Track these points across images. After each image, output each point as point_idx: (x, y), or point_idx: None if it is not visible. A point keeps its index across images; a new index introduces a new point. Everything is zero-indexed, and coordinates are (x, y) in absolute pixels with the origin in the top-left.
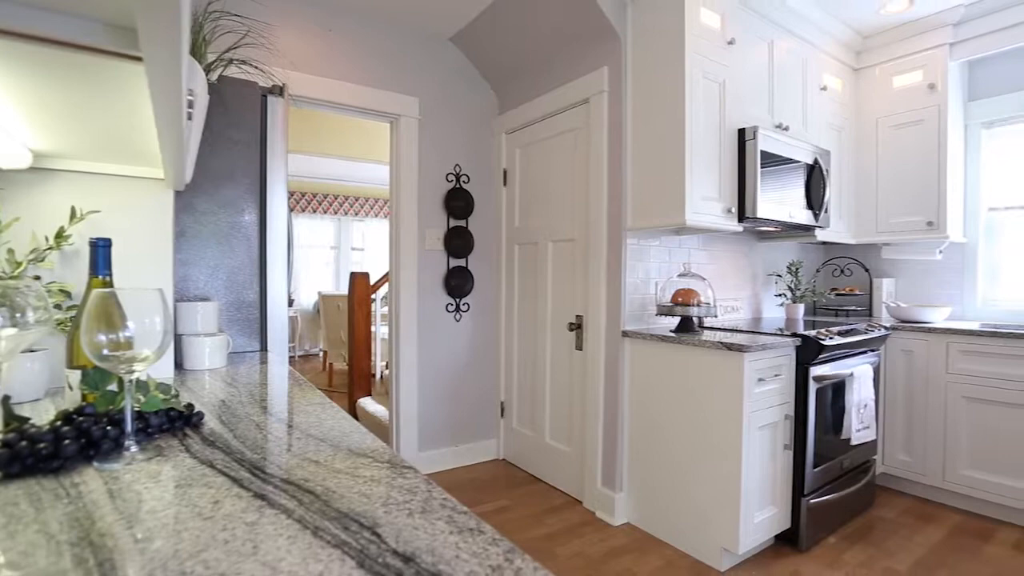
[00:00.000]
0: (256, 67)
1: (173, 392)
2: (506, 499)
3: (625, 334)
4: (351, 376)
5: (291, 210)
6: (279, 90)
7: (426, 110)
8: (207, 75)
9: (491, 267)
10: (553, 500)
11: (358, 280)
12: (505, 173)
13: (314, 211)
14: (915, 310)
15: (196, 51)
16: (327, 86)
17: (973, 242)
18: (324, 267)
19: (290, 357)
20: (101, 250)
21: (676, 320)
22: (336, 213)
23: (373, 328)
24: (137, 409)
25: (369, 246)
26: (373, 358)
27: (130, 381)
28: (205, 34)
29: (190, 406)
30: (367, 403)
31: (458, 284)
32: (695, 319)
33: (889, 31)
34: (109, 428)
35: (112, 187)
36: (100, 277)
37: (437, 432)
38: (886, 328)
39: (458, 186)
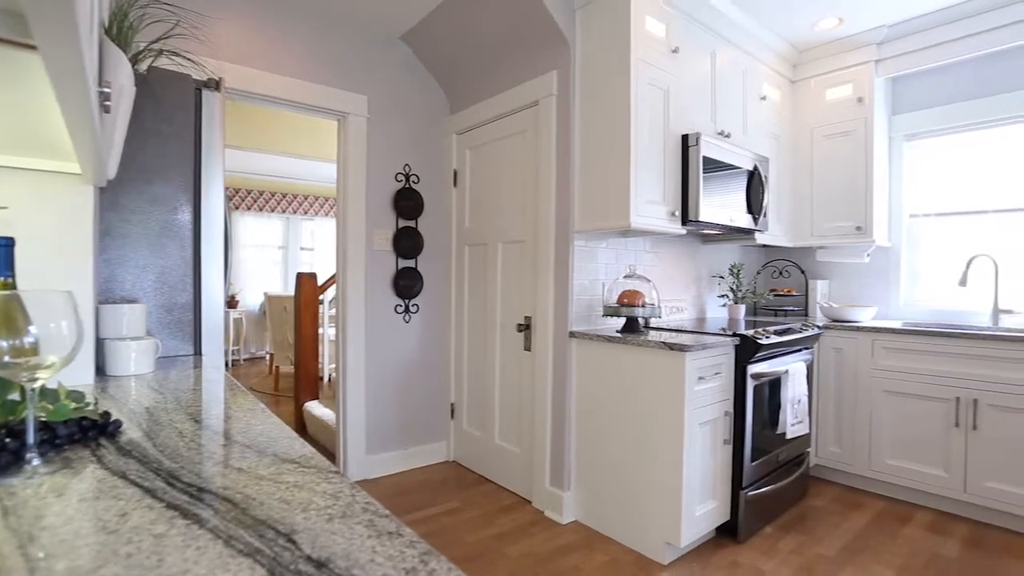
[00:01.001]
0: (189, 59)
1: (87, 400)
2: (456, 501)
3: (572, 335)
4: (297, 379)
5: (236, 208)
6: (215, 84)
7: (375, 109)
8: (134, 65)
9: (441, 268)
10: (503, 500)
11: (305, 280)
12: (456, 174)
13: (260, 209)
14: (845, 310)
15: (121, 39)
16: (271, 81)
17: (896, 246)
18: (271, 267)
19: (234, 360)
20: (2, 250)
21: (622, 321)
22: (284, 212)
23: (321, 330)
24: (43, 419)
25: (319, 246)
26: (321, 361)
27: (32, 389)
28: (132, 21)
29: (106, 414)
30: (314, 407)
31: (407, 285)
32: (640, 320)
33: (822, 46)
34: (8, 440)
35: (20, 182)
36: (1, 279)
37: (386, 435)
38: (819, 327)
39: (408, 186)
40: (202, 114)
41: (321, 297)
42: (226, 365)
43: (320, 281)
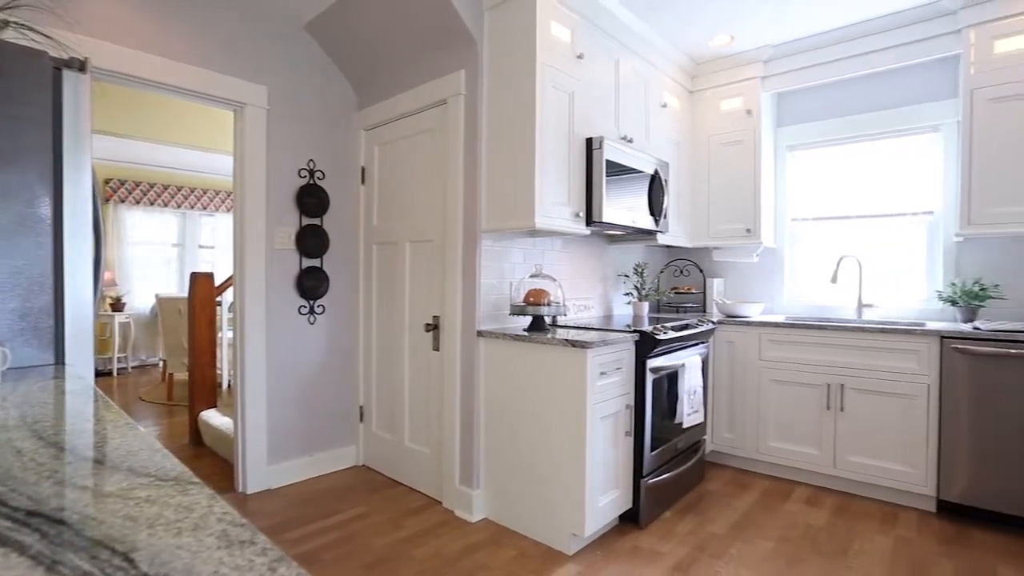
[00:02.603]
0: (44, 34)
1: None
2: (364, 506)
3: (480, 334)
4: (192, 387)
5: (122, 201)
6: (79, 64)
7: (276, 100)
8: None
9: (348, 267)
10: (413, 503)
11: (200, 281)
12: (363, 171)
13: (152, 203)
14: (737, 306)
15: None
16: (154, 64)
17: (781, 247)
18: (165, 266)
19: (121, 369)
20: None
21: (529, 319)
22: (180, 206)
23: (220, 334)
24: None
25: (221, 243)
26: (219, 366)
27: None
28: None
29: None
30: (211, 416)
31: (312, 285)
32: (546, 318)
33: (717, 60)
34: None
35: None
36: None
37: (290, 443)
38: (713, 323)
39: (312, 182)
40: (63, 97)
41: (219, 298)
42: (110, 374)
43: (222, 281)
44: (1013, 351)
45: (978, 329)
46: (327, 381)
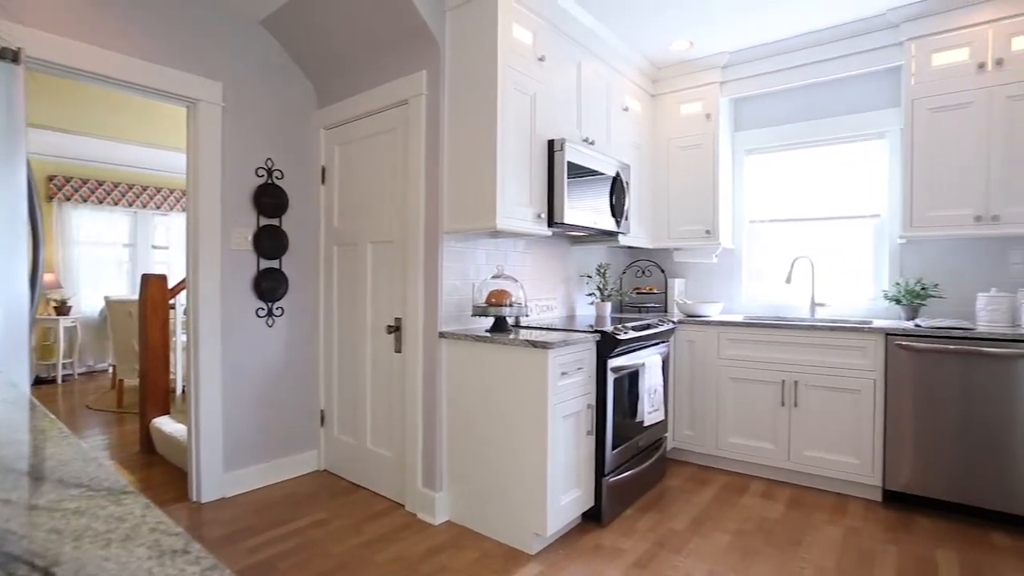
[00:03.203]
0: None
1: None
2: (324, 512)
3: (442, 335)
4: (143, 393)
5: (67, 199)
6: (12, 54)
7: (232, 97)
8: None
9: (308, 269)
10: (375, 507)
11: (152, 282)
12: (324, 171)
13: (101, 201)
14: (697, 306)
15: None
16: (99, 57)
17: (739, 248)
18: (115, 268)
19: (67, 376)
20: None
21: (491, 320)
22: (132, 205)
23: (174, 338)
24: None
25: (176, 243)
26: (172, 371)
27: None
28: None
29: None
30: (164, 423)
31: (271, 287)
32: (509, 319)
33: (677, 65)
34: None
35: None
36: None
37: (247, 449)
38: (674, 322)
39: (270, 182)
40: None
41: (172, 300)
42: (54, 381)
43: (173, 282)
44: (950, 347)
45: (919, 326)
46: (287, 385)
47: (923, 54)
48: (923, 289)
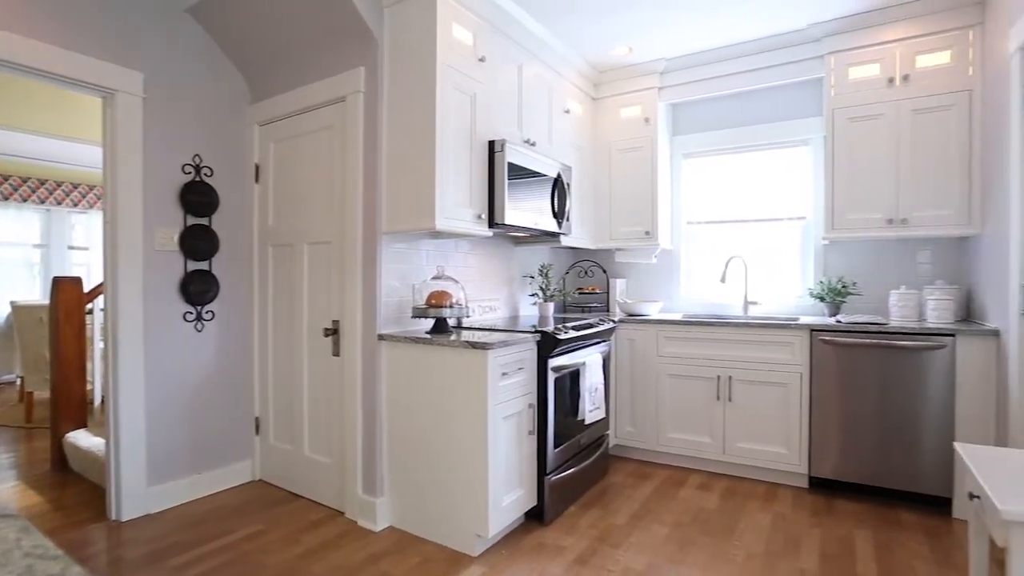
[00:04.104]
0: None
1: None
2: (259, 523)
3: (381, 337)
4: (55, 405)
5: None
6: None
7: (154, 88)
8: None
9: (241, 270)
10: (313, 515)
11: (64, 286)
12: (258, 168)
13: (6, 198)
14: (637, 305)
15: None
16: (3, 40)
17: (677, 249)
18: (26, 270)
19: None
20: None
21: (432, 322)
22: (44, 202)
23: (91, 346)
24: None
25: (97, 244)
26: (90, 381)
27: None
28: None
29: None
30: (79, 437)
31: (200, 290)
32: (450, 320)
33: (617, 70)
34: None
35: None
36: None
37: (174, 461)
38: (614, 321)
39: (199, 179)
40: None
41: (90, 305)
42: None
43: (91, 285)
44: (867, 341)
45: (840, 322)
46: (218, 392)
47: (841, 67)
48: (844, 287)
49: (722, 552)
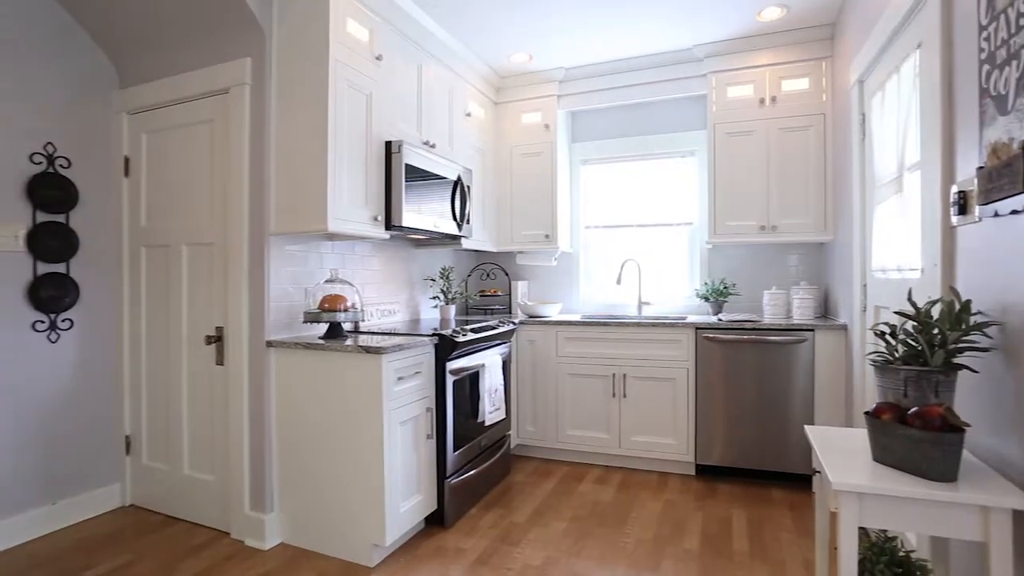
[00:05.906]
0: None
1: None
2: (129, 553)
3: (270, 344)
4: None
5: None
6: None
7: None
8: None
9: (107, 273)
10: (194, 539)
11: None
12: (127, 161)
13: None
14: (537, 307)
15: None
16: None
17: (576, 252)
18: None
19: None
20: None
21: (325, 327)
22: None
23: None
24: None
25: None
26: None
27: None
28: None
29: None
30: None
31: (53, 296)
32: (346, 324)
33: (518, 76)
34: None
35: None
36: None
37: (20, 492)
38: (515, 323)
39: (52, 171)
40: None
41: None
42: None
43: None
44: (744, 337)
45: (721, 320)
46: (78, 410)
47: (721, 86)
48: (725, 288)
49: (615, 541)
